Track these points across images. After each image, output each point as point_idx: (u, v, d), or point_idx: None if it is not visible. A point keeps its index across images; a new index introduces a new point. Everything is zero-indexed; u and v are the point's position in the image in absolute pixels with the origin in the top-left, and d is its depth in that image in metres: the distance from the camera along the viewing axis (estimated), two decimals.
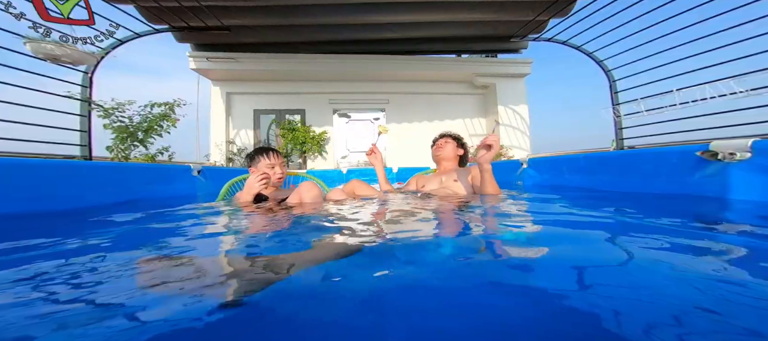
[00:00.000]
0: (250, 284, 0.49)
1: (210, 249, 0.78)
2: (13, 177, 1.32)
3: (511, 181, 2.80)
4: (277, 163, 1.67)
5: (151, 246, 0.83)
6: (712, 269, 0.59)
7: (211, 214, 1.34)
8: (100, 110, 3.70)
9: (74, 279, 0.60)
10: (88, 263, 0.70)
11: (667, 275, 0.57)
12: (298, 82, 6.91)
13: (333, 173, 4.98)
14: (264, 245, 0.78)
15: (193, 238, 0.90)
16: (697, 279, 0.55)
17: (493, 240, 0.84)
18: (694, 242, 0.77)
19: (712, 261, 0.64)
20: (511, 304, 0.49)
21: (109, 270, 0.65)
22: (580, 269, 0.62)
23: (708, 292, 0.49)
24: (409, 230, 0.90)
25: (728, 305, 0.45)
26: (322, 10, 4.37)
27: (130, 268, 0.66)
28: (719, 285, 0.51)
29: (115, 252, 0.81)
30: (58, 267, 0.67)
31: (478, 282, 0.57)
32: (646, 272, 0.59)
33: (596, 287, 0.53)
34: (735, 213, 1.14)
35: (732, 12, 2.95)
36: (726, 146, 1.29)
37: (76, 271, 0.65)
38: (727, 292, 0.49)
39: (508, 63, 6.79)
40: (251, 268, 0.56)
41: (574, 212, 1.27)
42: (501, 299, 0.51)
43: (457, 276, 0.58)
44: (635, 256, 0.69)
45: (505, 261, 0.68)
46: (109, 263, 0.70)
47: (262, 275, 0.52)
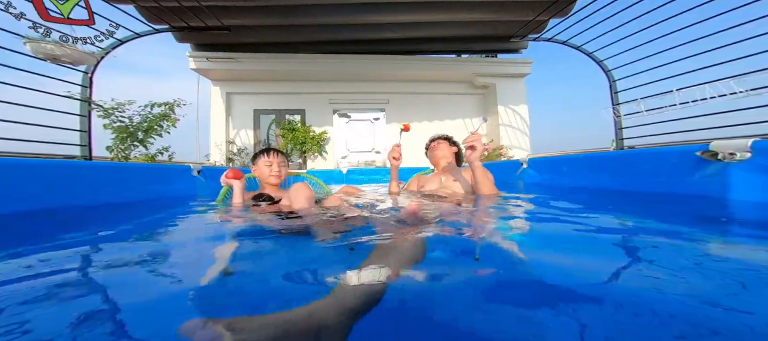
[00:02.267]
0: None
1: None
2: (13, 177, 1.32)
3: (511, 181, 2.80)
4: (275, 161, 1.69)
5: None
6: (712, 268, 0.59)
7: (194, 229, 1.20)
8: (100, 110, 3.70)
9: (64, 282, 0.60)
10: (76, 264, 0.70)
11: (667, 274, 0.57)
12: (298, 82, 6.91)
13: (333, 173, 4.98)
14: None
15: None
16: (697, 279, 0.55)
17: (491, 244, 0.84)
18: (694, 241, 0.77)
19: (713, 260, 0.64)
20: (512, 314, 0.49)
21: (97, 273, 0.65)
22: (580, 274, 0.62)
23: (708, 292, 0.49)
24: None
25: (728, 305, 0.45)
26: (322, 10, 4.36)
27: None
28: (719, 285, 0.51)
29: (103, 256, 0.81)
30: (56, 268, 0.67)
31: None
32: (647, 273, 0.59)
33: (595, 287, 0.53)
34: (735, 213, 1.14)
35: (732, 12, 2.95)
36: (726, 146, 1.29)
37: (69, 273, 0.65)
38: (728, 291, 0.49)
39: (508, 63, 6.79)
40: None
41: (575, 212, 1.27)
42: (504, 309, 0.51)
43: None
44: (635, 258, 0.69)
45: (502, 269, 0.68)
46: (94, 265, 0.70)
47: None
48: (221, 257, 0.72)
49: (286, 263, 0.67)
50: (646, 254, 0.69)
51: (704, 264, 0.62)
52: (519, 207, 1.34)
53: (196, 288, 0.55)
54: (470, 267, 0.63)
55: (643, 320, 0.41)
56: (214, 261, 0.69)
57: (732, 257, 0.66)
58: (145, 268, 0.64)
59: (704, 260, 0.64)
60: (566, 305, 0.48)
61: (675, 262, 0.63)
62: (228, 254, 0.74)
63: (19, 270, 0.65)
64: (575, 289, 0.53)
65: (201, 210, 1.53)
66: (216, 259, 0.71)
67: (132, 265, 0.67)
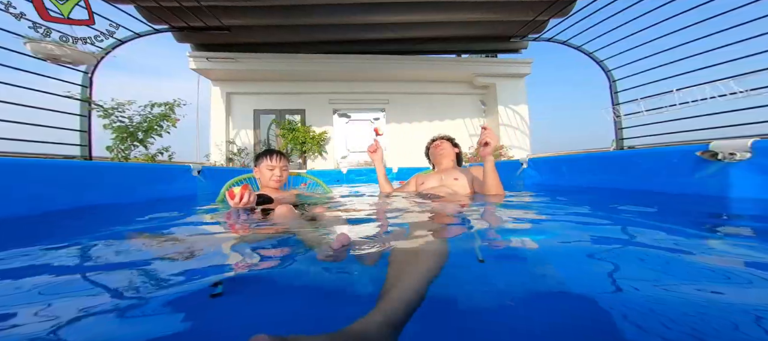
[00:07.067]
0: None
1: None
2: (13, 177, 1.32)
3: (511, 181, 2.80)
4: (277, 165, 1.69)
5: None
6: (712, 269, 0.59)
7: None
8: (100, 110, 3.70)
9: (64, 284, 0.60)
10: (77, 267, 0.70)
11: (667, 275, 0.57)
12: (298, 83, 6.91)
13: (333, 173, 4.98)
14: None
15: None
16: (696, 280, 0.55)
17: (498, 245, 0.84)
18: (694, 243, 0.77)
19: (712, 260, 0.64)
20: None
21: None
22: (583, 274, 0.62)
23: (707, 292, 0.49)
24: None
25: (727, 304, 0.45)
26: (322, 10, 4.37)
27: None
28: (719, 285, 0.51)
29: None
30: (54, 268, 0.67)
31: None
32: (646, 274, 0.59)
33: (595, 287, 0.53)
34: (735, 213, 1.14)
35: (732, 12, 2.95)
36: (726, 146, 1.29)
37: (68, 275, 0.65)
38: (727, 292, 0.49)
39: (508, 63, 6.79)
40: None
41: (575, 212, 1.27)
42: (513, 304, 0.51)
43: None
44: (635, 258, 0.69)
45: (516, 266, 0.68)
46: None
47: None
48: (214, 265, 0.69)
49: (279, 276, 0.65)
50: (647, 254, 0.69)
51: (705, 264, 0.62)
52: (519, 207, 1.34)
53: (183, 299, 0.52)
54: (476, 268, 0.63)
55: (644, 320, 0.42)
56: (206, 272, 0.65)
57: (732, 257, 0.66)
58: (136, 274, 0.64)
59: (704, 260, 0.64)
60: (566, 304, 0.48)
61: (675, 262, 0.63)
62: (222, 262, 0.71)
63: (17, 271, 0.65)
64: (575, 289, 0.53)
65: (201, 212, 1.53)
66: (208, 269, 0.67)
67: (122, 270, 0.67)
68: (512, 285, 0.56)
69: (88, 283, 0.58)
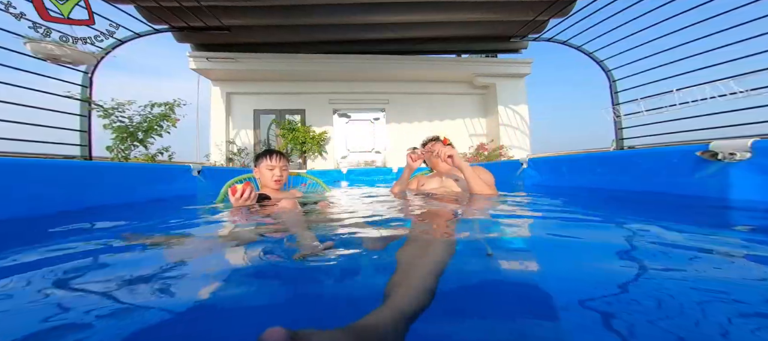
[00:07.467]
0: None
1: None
2: (13, 177, 1.32)
3: (511, 181, 2.80)
4: (277, 165, 1.69)
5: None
6: (711, 269, 0.59)
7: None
8: (100, 110, 3.70)
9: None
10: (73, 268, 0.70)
11: (668, 274, 0.57)
12: (298, 83, 6.91)
13: (333, 173, 4.98)
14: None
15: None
16: (696, 280, 0.55)
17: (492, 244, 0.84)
18: (694, 242, 0.77)
19: (712, 260, 0.64)
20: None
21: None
22: (580, 274, 0.62)
23: (707, 292, 0.49)
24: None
25: (727, 305, 0.45)
26: (322, 10, 4.36)
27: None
28: (718, 285, 0.51)
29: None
30: (53, 269, 0.67)
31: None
32: (646, 274, 0.59)
33: (594, 288, 0.53)
34: (735, 213, 1.14)
35: (732, 12, 2.94)
36: (726, 146, 1.29)
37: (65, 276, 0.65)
38: (726, 292, 0.49)
39: (508, 63, 6.79)
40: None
41: (575, 212, 1.27)
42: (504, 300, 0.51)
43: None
44: (635, 258, 0.69)
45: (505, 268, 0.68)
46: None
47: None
48: (214, 269, 0.68)
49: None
50: (647, 254, 0.69)
51: (704, 265, 0.62)
52: (518, 207, 1.34)
53: (183, 302, 0.52)
54: (484, 262, 0.63)
55: (645, 319, 0.42)
56: (207, 272, 0.65)
57: (732, 256, 0.66)
58: (134, 277, 0.64)
59: (704, 260, 0.64)
60: (565, 305, 0.48)
61: (675, 262, 0.63)
62: (221, 266, 0.71)
63: (18, 270, 0.65)
64: (575, 290, 0.53)
65: (201, 212, 1.53)
66: (208, 268, 0.67)
67: (119, 272, 0.67)
68: (516, 278, 0.56)
69: (88, 283, 0.58)
